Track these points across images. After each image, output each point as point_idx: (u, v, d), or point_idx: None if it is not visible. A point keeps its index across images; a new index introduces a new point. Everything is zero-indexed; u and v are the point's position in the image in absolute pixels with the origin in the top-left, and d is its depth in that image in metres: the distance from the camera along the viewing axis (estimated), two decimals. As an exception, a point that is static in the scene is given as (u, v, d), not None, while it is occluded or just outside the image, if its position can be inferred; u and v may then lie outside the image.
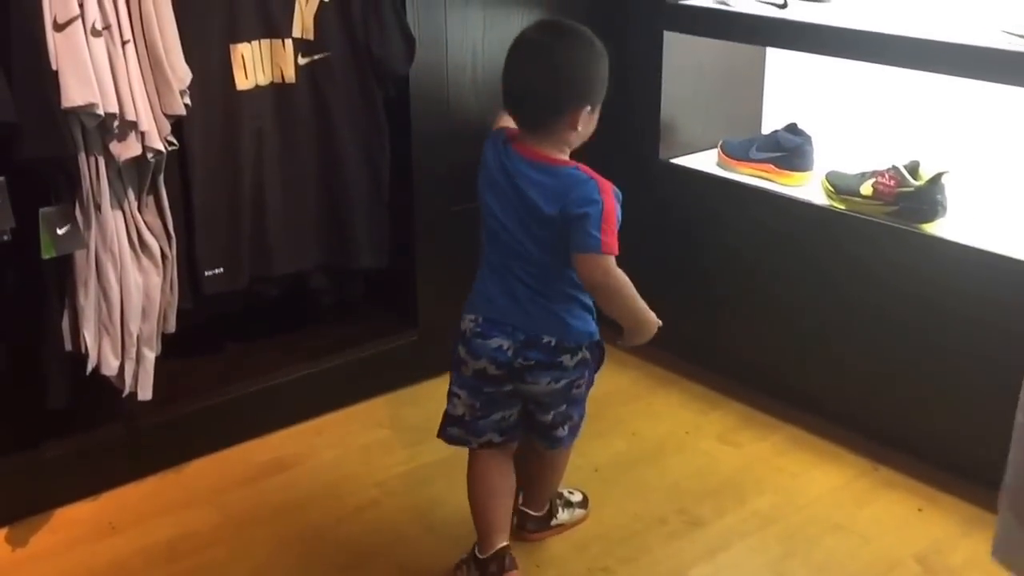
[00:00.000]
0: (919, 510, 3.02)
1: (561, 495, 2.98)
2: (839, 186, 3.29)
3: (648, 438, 3.37)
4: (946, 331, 3.03)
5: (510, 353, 2.56)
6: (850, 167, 3.35)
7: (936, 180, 3.07)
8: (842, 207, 3.26)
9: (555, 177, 2.48)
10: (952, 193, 3.11)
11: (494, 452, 2.71)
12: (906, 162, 3.17)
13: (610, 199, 2.46)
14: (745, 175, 3.58)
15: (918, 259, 3.09)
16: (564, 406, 2.67)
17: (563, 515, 2.96)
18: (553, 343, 2.56)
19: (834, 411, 3.35)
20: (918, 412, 3.14)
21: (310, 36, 3.12)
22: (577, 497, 3.02)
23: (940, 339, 3.04)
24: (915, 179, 3.13)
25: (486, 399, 2.64)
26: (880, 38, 3.08)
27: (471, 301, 2.62)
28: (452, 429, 2.71)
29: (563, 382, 2.61)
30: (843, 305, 3.27)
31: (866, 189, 3.20)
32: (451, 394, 2.69)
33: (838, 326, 3.29)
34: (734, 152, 3.64)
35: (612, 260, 2.48)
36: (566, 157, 2.54)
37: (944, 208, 3.09)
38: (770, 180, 3.51)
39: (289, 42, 3.09)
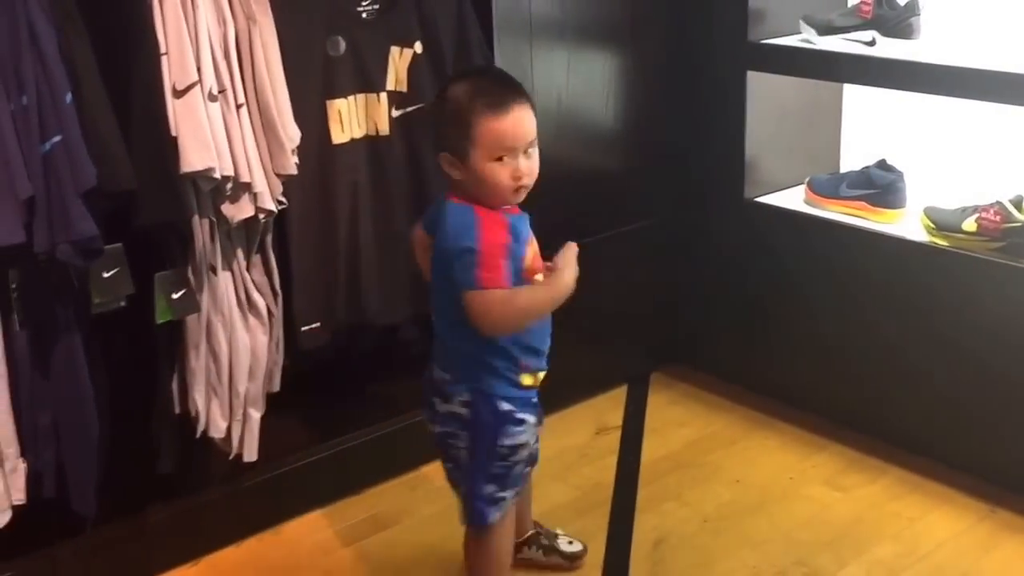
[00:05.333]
0: (1048, 555, 2.97)
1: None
2: (939, 222, 3.24)
3: (752, 485, 3.31)
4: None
5: None
6: (945, 203, 3.30)
7: (1044, 215, 3.04)
8: (944, 243, 3.22)
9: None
10: (1061, 228, 3.06)
11: None
12: (1011, 196, 3.12)
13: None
14: (836, 212, 3.53)
15: (1028, 295, 3.05)
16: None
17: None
18: None
19: (943, 453, 3.30)
20: (1036, 453, 3.09)
21: (403, 88, 3.09)
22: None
23: (1055, 377, 3.00)
24: (1021, 214, 3.08)
25: None
26: (970, 73, 3.06)
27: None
28: None
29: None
30: (947, 343, 3.22)
31: (969, 225, 3.15)
32: None
33: (943, 365, 3.24)
34: (823, 189, 3.59)
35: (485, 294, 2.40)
36: (459, 198, 2.47)
37: (1054, 244, 3.05)
38: (863, 217, 3.47)
39: (384, 95, 3.06)
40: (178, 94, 2.51)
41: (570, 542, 2.99)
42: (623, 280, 3.78)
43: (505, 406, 2.53)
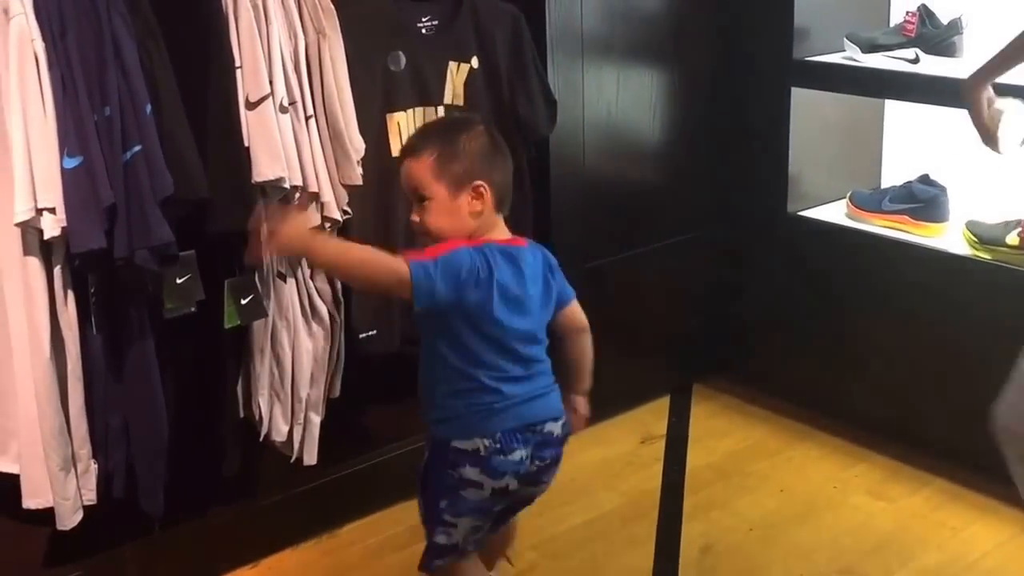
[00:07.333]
0: (1090, 563, 3.02)
1: None
2: (982, 236, 3.30)
3: (797, 494, 3.37)
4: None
5: (527, 461, 2.44)
6: (987, 217, 3.36)
7: (1088, 229, 3.09)
8: (987, 257, 3.28)
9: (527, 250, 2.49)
10: (1104, 242, 3.11)
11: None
12: (1054, 212, 3.19)
13: None
14: (878, 226, 3.59)
15: (1073, 309, 3.09)
16: None
17: None
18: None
19: (985, 464, 3.33)
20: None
21: (460, 102, 3.15)
22: None
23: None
24: (1064, 228, 3.14)
25: (492, 516, 2.52)
26: (1011, 89, 3.08)
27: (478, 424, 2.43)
28: (440, 561, 2.51)
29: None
30: (988, 355, 3.25)
31: (1012, 239, 3.21)
32: (444, 524, 2.47)
33: (984, 377, 3.26)
34: (865, 204, 3.65)
35: None
36: None
37: (1098, 257, 3.10)
38: (905, 231, 3.53)
39: (441, 109, 3.12)
40: (251, 106, 2.59)
41: None
42: (667, 292, 3.86)
43: None
